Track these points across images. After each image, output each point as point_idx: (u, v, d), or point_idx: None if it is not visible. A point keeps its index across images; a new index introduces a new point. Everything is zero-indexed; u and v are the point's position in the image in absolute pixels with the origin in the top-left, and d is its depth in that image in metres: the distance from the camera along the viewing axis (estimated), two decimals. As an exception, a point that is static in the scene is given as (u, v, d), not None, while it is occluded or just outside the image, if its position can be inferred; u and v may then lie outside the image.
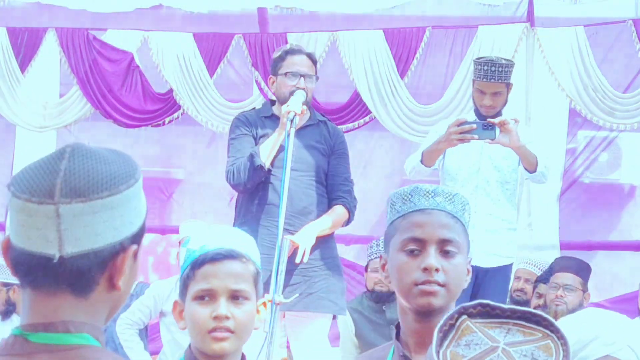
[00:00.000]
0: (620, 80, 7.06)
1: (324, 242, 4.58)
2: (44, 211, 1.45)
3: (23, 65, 7.69)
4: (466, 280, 2.18)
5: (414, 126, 7.22)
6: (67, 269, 1.48)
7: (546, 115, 7.19)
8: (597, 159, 7.26)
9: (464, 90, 7.13)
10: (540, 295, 5.90)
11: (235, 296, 2.24)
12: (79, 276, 1.49)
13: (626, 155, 7.38)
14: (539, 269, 6.17)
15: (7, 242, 1.51)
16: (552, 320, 1.48)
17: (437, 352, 1.44)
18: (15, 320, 6.69)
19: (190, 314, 2.25)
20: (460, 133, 4.88)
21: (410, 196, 2.17)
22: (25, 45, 7.70)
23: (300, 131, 4.62)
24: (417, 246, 2.13)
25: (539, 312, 1.48)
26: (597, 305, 6.80)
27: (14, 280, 7.21)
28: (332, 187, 4.64)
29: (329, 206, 4.62)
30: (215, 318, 2.21)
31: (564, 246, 7.04)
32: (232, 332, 2.22)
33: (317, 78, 4.71)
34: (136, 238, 1.53)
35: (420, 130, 7.22)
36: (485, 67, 5.15)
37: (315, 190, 4.60)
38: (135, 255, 1.53)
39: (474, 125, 4.91)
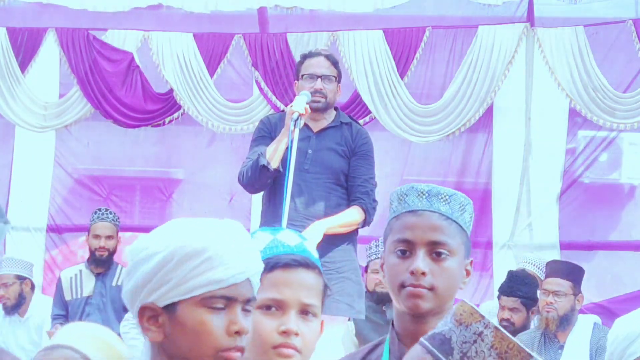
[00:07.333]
0: (620, 80, 7.05)
1: (342, 244, 4.56)
2: None
3: (23, 65, 7.69)
4: (464, 282, 2.14)
5: (413, 126, 7.22)
6: None
7: (546, 115, 7.19)
8: (597, 159, 7.25)
9: (464, 90, 7.13)
10: (503, 307, 5.60)
11: (305, 311, 1.97)
12: None
13: (626, 155, 7.36)
14: (539, 269, 6.14)
15: None
16: None
17: None
18: (16, 317, 6.64)
19: (253, 324, 1.85)
20: None
21: (405, 196, 2.14)
22: (25, 46, 7.69)
23: (320, 133, 4.68)
24: (406, 248, 2.11)
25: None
26: (597, 305, 6.80)
27: (27, 274, 7.13)
28: (351, 188, 4.64)
29: (349, 207, 4.62)
30: (284, 333, 1.94)
31: (564, 246, 7.03)
32: (298, 351, 1.95)
33: (339, 78, 4.74)
34: None
35: (420, 130, 7.22)
36: None
37: (333, 192, 4.61)
38: None
39: None
